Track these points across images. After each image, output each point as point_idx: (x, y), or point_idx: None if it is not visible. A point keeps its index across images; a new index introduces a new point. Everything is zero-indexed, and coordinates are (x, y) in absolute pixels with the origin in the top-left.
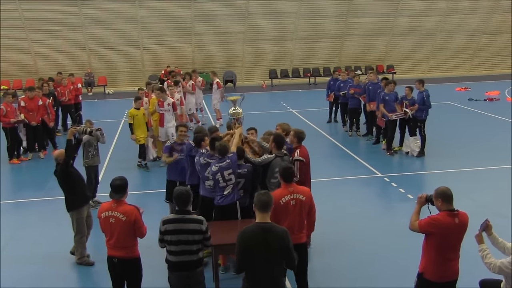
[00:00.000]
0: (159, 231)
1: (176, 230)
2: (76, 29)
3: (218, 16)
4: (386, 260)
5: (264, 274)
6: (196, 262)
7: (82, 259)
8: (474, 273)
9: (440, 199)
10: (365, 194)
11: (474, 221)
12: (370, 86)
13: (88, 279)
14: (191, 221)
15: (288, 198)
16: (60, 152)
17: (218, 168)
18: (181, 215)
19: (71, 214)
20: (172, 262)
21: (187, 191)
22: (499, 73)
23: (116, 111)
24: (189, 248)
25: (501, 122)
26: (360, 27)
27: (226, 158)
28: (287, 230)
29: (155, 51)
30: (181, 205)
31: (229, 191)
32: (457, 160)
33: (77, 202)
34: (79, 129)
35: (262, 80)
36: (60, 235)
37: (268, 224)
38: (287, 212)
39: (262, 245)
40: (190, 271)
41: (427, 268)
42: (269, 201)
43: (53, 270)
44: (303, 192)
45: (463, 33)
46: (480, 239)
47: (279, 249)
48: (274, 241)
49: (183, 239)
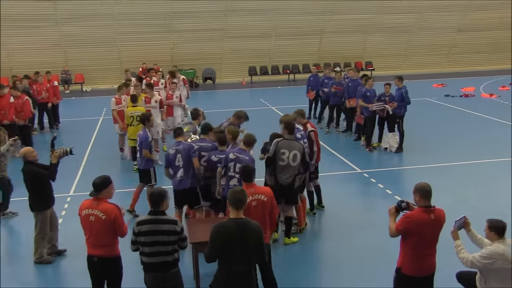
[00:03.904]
0: (133, 233)
1: (151, 231)
2: (52, 25)
3: (197, 13)
4: (365, 256)
5: (238, 268)
6: (171, 263)
7: (41, 258)
8: (452, 266)
9: (418, 194)
10: (345, 190)
11: (452, 215)
12: (350, 83)
13: (67, 278)
14: (165, 222)
15: (250, 200)
16: (27, 149)
17: None
18: (155, 216)
19: (35, 214)
20: (147, 263)
21: (160, 192)
22: (474, 70)
23: (94, 109)
24: (164, 249)
25: (477, 118)
26: (339, 24)
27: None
28: (260, 226)
29: (133, 48)
30: (155, 205)
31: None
32: (435, 155)
33: (42, 203)
34: (59, 152)
35: (242, 77)
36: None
37: (243, 219)
38: (249, 213)
39: (237, 240)
40: (165, 272)
41: (405, 263)
42: (244, 198)
43: (27, 270)
44: (264, 193)
45: (439, 31)
46: (456, 236)
47: (254, 244)
48: (250, 235)
49: (158, 240)
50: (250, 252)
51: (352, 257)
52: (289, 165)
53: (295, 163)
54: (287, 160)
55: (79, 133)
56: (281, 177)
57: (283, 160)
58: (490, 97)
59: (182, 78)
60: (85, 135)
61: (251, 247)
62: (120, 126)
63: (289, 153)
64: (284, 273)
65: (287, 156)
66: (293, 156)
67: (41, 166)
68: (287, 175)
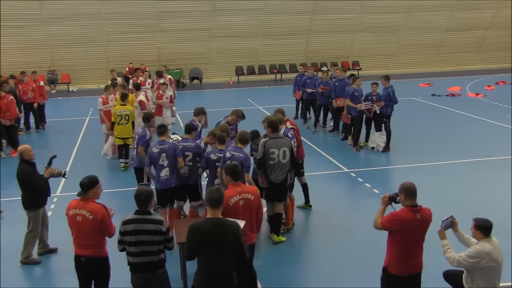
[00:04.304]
0: (119, 232)
1: (136, 230)
2: (38, 25)
3: (184, 12)
4: (352, 255)
5: (216, 268)
6: (157, 263)
7: (28, 258)
8: (439, 265)
9: (403, 194)
10: (332, 189)
11: (439, 214)
12: (337, 82)
13: (54, 278)
14: (150, 221)
15: (237, 199)
16: (25, 148)
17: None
18: (141, 215)
19: (27, 212)
20: (133, 263)
21: (147, 191)
22: (462, 69)
23: (81, 109)
24: (149, 249)
25: (463, 117)
26: (326, 24)
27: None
28: (238, 225)
29: (120, 48)
30: (141, 205)
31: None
32: (422, 154)
33: (33, 202)
34: (54, 171)
35: (229, 76)
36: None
37: (220, 219)
38: (237, 213)
39: (213, 240)
40: (151, 273)
41: (391, 263)
42: (221, 198)
43: (14, 270)
44: (251, 191)
45: (427, 30)
46: (443, 235)
47: (231, 243)
48: (226, 235)
49: (143, 239)
50: (227, 251)
51: (339, 257)
52: (279, 163)
53: (285, 160)
54: (277, 158)
55: (66, 133)
56: (273, 176)
57: (273, 159)
58: (476, 97)
59: (169, 78)
60: (71, 135)
61: (228, 246)
62: (107, 126)
63: (278, 151)
64: (269, 272)
65: (276, 154)
66: (283, 153)
67: (35, 172)
68: (280, 173)
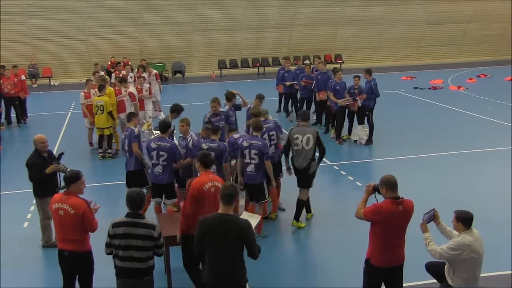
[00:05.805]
0: (108, 235)
1: (126, 234)
2: (18, 18)
3: (166, 6)
4: (335, 247)
5: (219, 264)
6: (144, 270)
7: (49, 242)
8: (421, 257)
9: (384, 187)
10: (315, 182)
11: (421, 207)
12: (319, 75)
13: (39, 272)
14: (142, 226)
15: (209, 185)
16: (39, 137)
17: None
18: (133, 218)
19: (36, 199)
20: (119, 267)
21: (139, 194)
22: (443, 62)
23: (63, 103)
24: (137, 254)
25: (445, 110)
26: (308, 17)
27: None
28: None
29: (101, 41)
30: (133, 208)
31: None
32: (404, 147)
33: (40, 191)
34: (59, 168)
35: (211, 70)
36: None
37: (228, 215)
38: (209, 198)
39: (216, 235)
40: (136, 280)
41: (373, 254)
42: (233, 194)
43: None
44: (219, 180)
45: (408, 23)
46: (424, 228)
47: (238, 241)
48: (228, 231)
49: (133, 244)
50: (229, 247)
51: (322, 248)
52: (303, 149)
53: (308, 146)
54: (301, 144)
55: (48, 128)
56: (297, 161)
57: (297, 144)
58: (458, 89)
59: (155, 72)
60: (53, 130)
61: (230, 243)
62: (89, 120)
63: (302, 137)
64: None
65: (300, 140)
66: (307, 140)
67: (41, 163)
68: (302, 158)
